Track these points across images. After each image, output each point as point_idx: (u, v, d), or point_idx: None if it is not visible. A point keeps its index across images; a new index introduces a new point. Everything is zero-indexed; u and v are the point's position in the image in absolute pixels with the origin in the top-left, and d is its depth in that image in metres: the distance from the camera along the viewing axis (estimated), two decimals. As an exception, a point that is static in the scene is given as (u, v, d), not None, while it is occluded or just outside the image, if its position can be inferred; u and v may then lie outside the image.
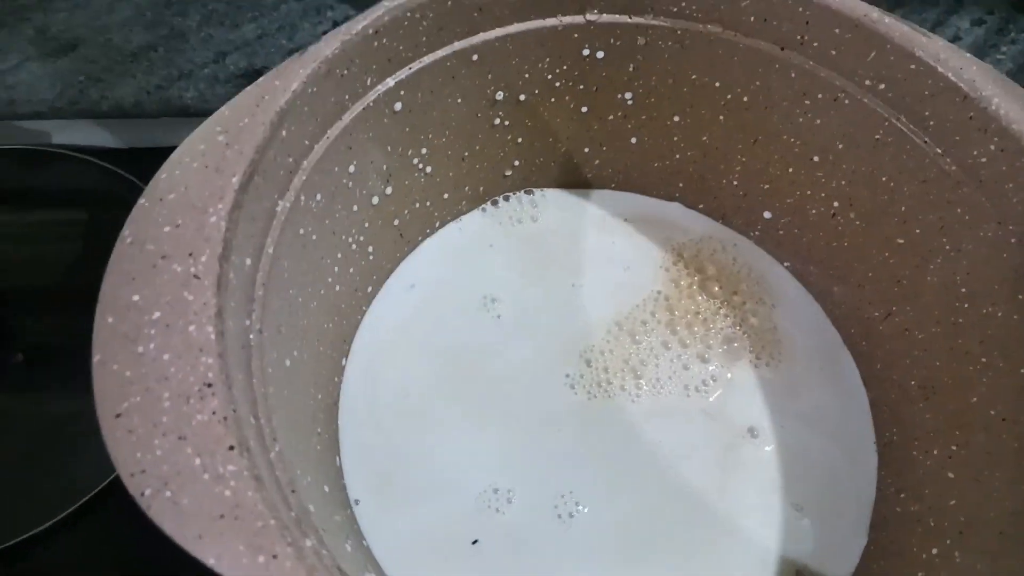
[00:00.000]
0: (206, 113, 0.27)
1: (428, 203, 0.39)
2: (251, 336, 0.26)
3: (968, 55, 0.31)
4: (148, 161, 0.28)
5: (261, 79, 0.28)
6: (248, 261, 0.26)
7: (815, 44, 0.33)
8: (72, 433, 0.40)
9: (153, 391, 0.22)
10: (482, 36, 0.34)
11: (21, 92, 0.56)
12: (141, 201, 0.26)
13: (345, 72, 0.30)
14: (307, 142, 0.29)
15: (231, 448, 0.21)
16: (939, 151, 0.32)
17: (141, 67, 0.58)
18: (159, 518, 0.21)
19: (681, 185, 0.42)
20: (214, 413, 0.22)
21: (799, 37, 0.34)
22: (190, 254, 0.24)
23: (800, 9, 0.33)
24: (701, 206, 0.42)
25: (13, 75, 0.57)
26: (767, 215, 0.40)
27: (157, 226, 0.25)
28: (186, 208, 0.25)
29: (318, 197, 0.31)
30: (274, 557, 0.20)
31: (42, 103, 0.56)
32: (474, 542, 0.33)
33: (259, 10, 0.61)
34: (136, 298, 0.24)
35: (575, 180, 0.42)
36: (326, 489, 0.30)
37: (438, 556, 0.32)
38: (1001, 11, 0.66)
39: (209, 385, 0.22)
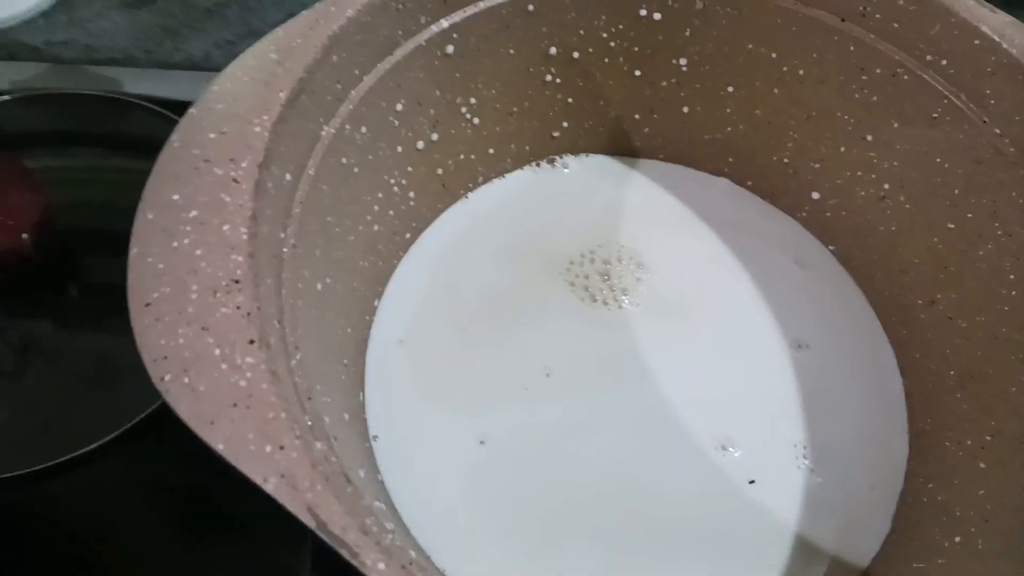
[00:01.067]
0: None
1: (473, 156, 0.39)
2: (284, 249, 0.26)
3: (1035, 32, 0.30)
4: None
5: (318, 4, 0.29)
6: (288, 176, 0.27)
7: (877, 16, 0.33)
8: (118, 366, 0.41)
9: (183, 282, 0.23)
10: (540, -14, 0.34)
11: (101, 39, 0.59)
12: (191, 110, 0.27)
13: (400, 7, 0.30)
14: (357, 72, 0.30)
15: (251, 342, 0.22)
16: (997, 131, 0.31)
17: (215, 23, 0.60)
18: (175, 402, 0.21)
19: (731, 160, 0.41)
20: (238, 307, 0.23)
21: (861, 8, 0.33)
22: (231, 159, 0.25)
23: (864, -22, 0.32)
24: (749, 183, 0.42)
25: (95, 22, 0.59)
26: (815, 196, 0.39)
27: (203, 132, 0.26)
28: (232, 117, 0.26)
29: (363, 130, 0.31)
30: (281, 448, 0.21)
31: (119, 51, 0.58)
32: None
33: (331, -25, 0.62)
34: (176, 197, 0.25)
35: (623, 148, 0.42)
36: (346, 417, 0.31)
37: (451, 495, 0.33)
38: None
39: (236, 281, 0.23)
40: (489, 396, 0.35)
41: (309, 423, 0.23)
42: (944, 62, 0.32)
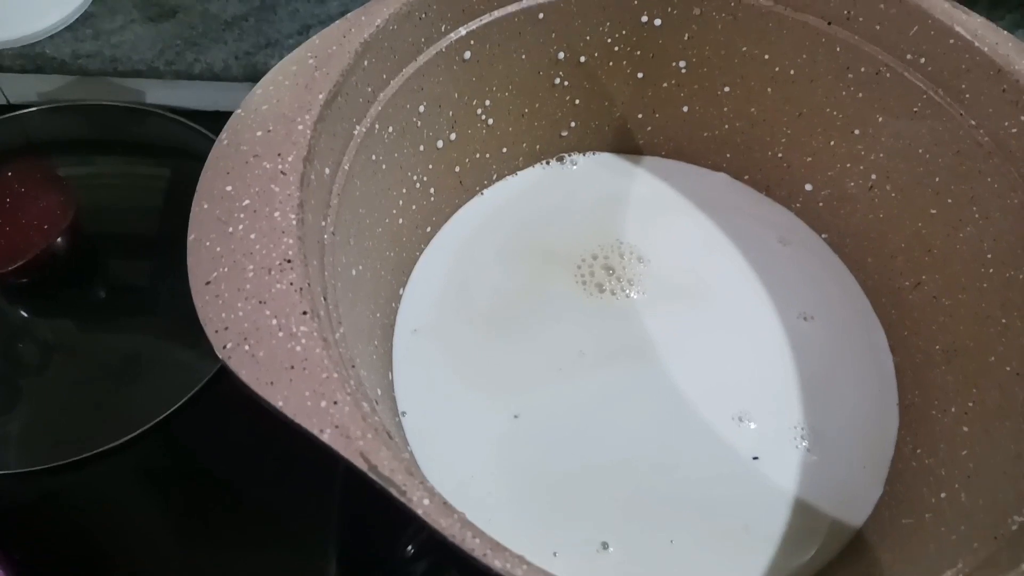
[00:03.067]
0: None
1: (487, 155, 0.42)
2: (325, 236, 0.29)
3: (1004, 32, 0.33)
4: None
5: (350, 14, 0.32)
6: (327, 171, 0.30)
7: (860, 19, 0.36)
8: (141, 365, 0.43)
9: (240, 263, 0.26)
10: (549, -4, 0.37)
11: (124, 51, 0.61)
12: (238, 112, 0.29)
13: (423, 16, 0.33)
14: (385, 76, 0.33)
15: (304, 313, 0.25)
16: (973, 123, 0.34)
17: (233, 34, 0.62)
18: (237, 367, 0.24)
19: (728, 156, 0.44)
20: (291, 284, 0.25)
21: (846, 12, 0.36)
22: (279, 154, 0.28)
23: (848, -16, 0.35)
24: (746, 177, 0.44)
25: (118, 35, 0.62)
26: (808, 187, 0.42)
27: (251, 130, 0.28)
28: (277, 117, 0.29)
29: (390, 129, 0.34)
30: (335, 403, 0.23)
31: (141, 62, 0.61)
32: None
33: (342, -12, 0.65)
34: (229, 188, 0.27)
35: (628, 146, 0.45)
36: (378, 392, 0.33)
37: (472, 465, 0.35)
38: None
39: (289, 261, 0.26)
40: (510, 377, 0.38)
41: (354, 384, 0.25)
42: (923, 60, 0.35)
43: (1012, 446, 0.30)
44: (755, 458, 0.36)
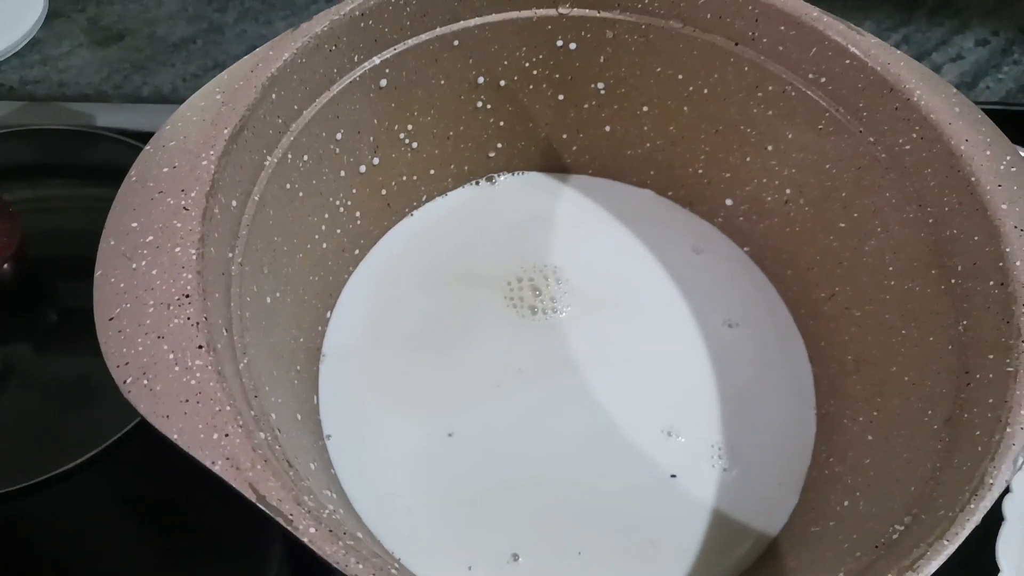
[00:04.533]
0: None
1: (415, 177, 0.43)
2: (232, 267, 0.30)
3: (898, 52, 0.34)
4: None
5: (258, 49, 0.33)
6: (235, 203, 0.30)
7: (764, 40, 0.37)
8: (94, 386, 0.44)
9: (141, 299, 0.26)
10: (462, 23, 0.38)
11: (71, 76, 0.62)
12: (147, 148, 0.30)
13: (333, 48, 0.34)
14: (296, 107, 0.34)
15: (200, 347, 0.25)
16: (871, 140, 0.35)
17: (180, 57, 0.63)
18: (136, 401, 0.25)
19: (652, 173, 0.45)
20: (188, 318, 0.26)
21: (750, 33, 0.37)
22: (182, 190, 0.28)
23: (750, 7, 0.36)
24: (670, 193, 0.45)
25: (66, 60, 0.62)
26: (729, 202, 0.43)
27: (157, 167, 0.29)
28: (183, 153, 0.29)
29: (305, 158, 0.35)
30: (226, 435, 0.24)
31: (89, 87, 0.61)
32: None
33: (291, 9, 0.66)
34: (135, 224, 0.28)
35: (555, 165, 0.46)
36: (298, 417, 0.34)
37: (396, 483, 0.36)
38: (1006, 33, 0.68)
39: (187, 296, 0.26)
40: (442, 397, 0.39)
41: (255, 416, 0.26)
42: (823, 79, 0.36)
43: (905, 454, 0.31)
44: (673, 476, 0.37)
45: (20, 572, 0.39)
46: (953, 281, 0.32)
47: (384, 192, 0.42)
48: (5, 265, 0.48)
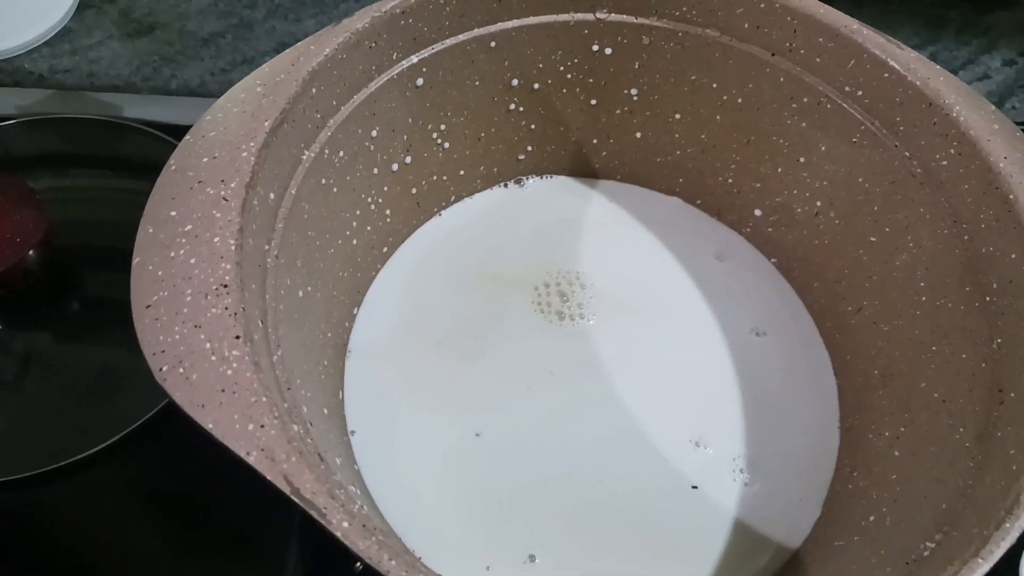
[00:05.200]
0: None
1: (445, 177, 0.43)
2: (268, 259, 0.30)
3: (937, 66, 0.34)
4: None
5: (300, 43, 0.33)
6: (272, 196, 0.31)
7: (802, 51, 0.37)
8: (116, 376, 0.44)
9: (178, 287, 0.26)
10: (500, 25, 0.38)
11: (101, 67, 0.62)
12: (187, 137, 0.30)
13: (373, 45, 0.34)
14: (334, 102, 0.34)
15: (237, 337, 0.25)
16: (907, 154, 0.35)
17: (210, 51, 0.63)
18: (172, 389, 0.25)
19: (681, 180, 0.45)
20: (226, 308, 0.26)
21: (787, 44, 0.37)
22: (222, 180, 0.29)
23: (788, 18, 0.36)
24: (699, 202, 0.45)
25: (96, 51, 0.63)
26: (758, 212, 0.43)
27: (197, 157, 0.29)
28: (223, 144, 0.30)
29: (341, 154, 0.35)
30: (261, 426, 0.24)
31: (119, 78, 0.62)
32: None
33: (320, 7, 0.66)
34: (173, 213, 0.28)
35: (584, 169, 0.46)
36: (325, 411, 0.34)
37: (420, 481, 0.36)
38: (1035, 54, 0.68)
39: (225, 286, 0.26)
40: (467, 397, 0.39)
41: (287, 407, 0.26)
42: (860, 92, 0.36)
43: (934, 471, 0.30)
44: (694, 486, 0.37)
45: (34, 557, 0.39)
46: (988, 299, 0.31)
47: (414, 191, 0.42)
48: (31, 252, 0.48)
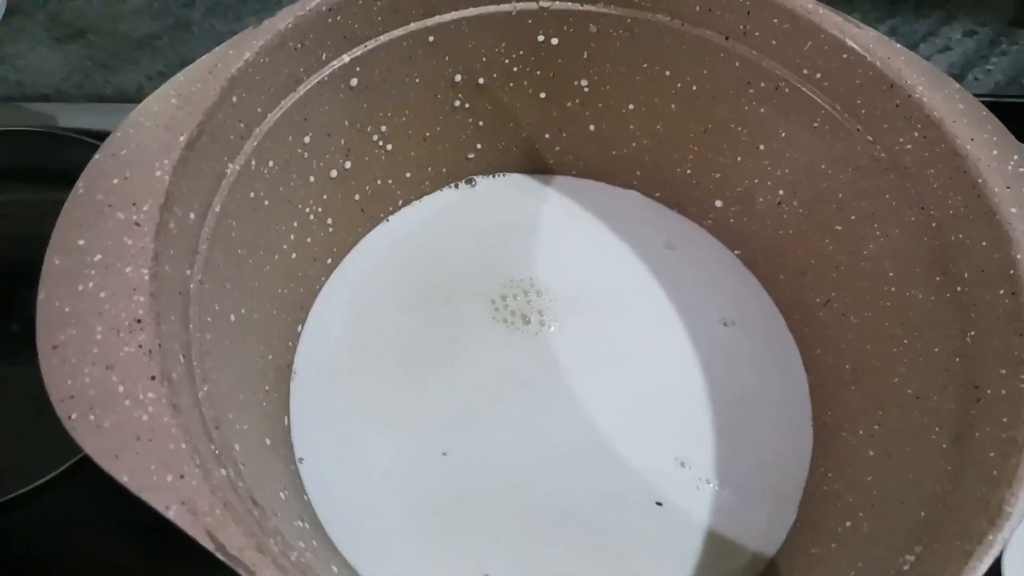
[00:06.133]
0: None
1: (390, 181, 0.40)
2: (191, 285, 0.28)
3: (898, 45, 0.32)
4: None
5: (217, 48, 0.30)
6: (192, 216, 0.28)
7: (756, 34, 0.35)
8: None
9: (88, 324, 0.24)
10: (438, 18, 0.35)
11: (30, 75, 0.59)
12: (96, 156, 0.28)
13: (299, 46, 0.32)
14: (260, 109, 0.31)
15: (152, 377, 0.23)
16: (870, 139, 0.33)
17: (145, 54, 0.61)
18: (82, 438, 0.22)
19: (638, 173, 0.43)
20: (140, 346, 0.24)
21: (741, 27, 0.35)
22: (134, 203, 0.26)
23: (741, 0, 0.34)
24: (657, 195, 0.43)
25: (24, 58, 0.60)
26: (718, 204, 0.41)
27: (107, 178, 0.27)
28: (135, 163, 0.27)
29: (271, 164, 0.33)
30: (181, 476, 0.22)
31: (49, 86, 0.59)
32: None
33: (262, 3, 0.63)
34: (82, 242, 0.26)
35: (537, 166, 0.44)
36: (267, 442, 0.32)
37: (378, 514, 0.34)
38: (994, 24, 0.67)
39: (139, 320, 0.24)
40: (419, 415, 0.37)
41: (216, 451, 0.24)
42: (819, 75, 0.34)
43: (910, 473, 0.29)
44: (658, 504, 0.35)
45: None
46: (959, 289, 0.30)
47: (357, 197, 0.39)
48: (-34, 274, 0.45)
